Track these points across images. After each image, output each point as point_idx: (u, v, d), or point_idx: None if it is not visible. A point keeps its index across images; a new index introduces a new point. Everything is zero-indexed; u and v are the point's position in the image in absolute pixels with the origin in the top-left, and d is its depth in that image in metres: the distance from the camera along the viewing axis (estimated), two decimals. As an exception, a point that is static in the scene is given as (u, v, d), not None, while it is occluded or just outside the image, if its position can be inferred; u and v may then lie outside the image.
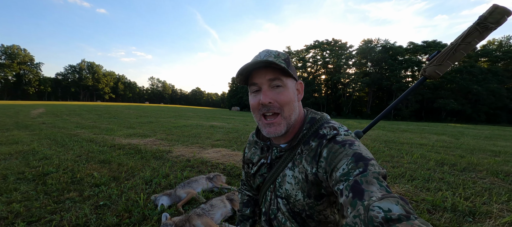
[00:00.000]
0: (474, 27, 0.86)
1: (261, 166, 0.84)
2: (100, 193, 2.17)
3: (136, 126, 8.03)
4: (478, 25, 0.86)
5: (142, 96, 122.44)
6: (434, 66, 0.95)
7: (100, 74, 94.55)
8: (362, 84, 41.51)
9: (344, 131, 0.68)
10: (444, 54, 0.93)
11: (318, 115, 0.76)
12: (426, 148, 5.20)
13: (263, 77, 0.68)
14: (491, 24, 0.83)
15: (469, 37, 0.87)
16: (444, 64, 0.93)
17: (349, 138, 0.64)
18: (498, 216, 1.89)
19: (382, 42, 43.48)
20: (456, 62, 0.90)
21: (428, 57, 1.00)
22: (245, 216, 1.01)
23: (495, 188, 2.55)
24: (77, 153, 3.68)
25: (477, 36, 0.86)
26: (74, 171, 2.77)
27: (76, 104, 32.82)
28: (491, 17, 0.83)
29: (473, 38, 0.87)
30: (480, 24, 0.85)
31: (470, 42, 0.87)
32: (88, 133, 5.94)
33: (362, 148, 0.59)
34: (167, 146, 4.50)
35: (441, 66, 0.93)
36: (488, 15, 0.83)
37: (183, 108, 39.19)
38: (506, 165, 3.70)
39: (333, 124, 0.71)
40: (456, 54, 0.90)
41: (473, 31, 0.86)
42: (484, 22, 0.84)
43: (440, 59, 0.94)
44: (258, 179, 0.86)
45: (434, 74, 0.95)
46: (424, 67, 1.00)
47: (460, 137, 7.95)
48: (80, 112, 14.72)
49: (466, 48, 0.88)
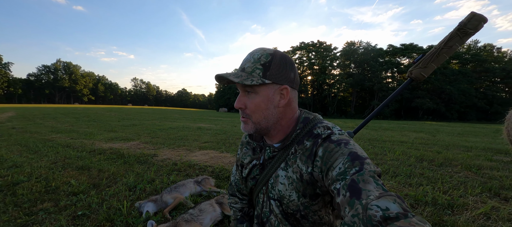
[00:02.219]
0: (455, 33, 0.92)
1: (253, 168, 0.82)
2: (78, 202, 2.02)
3: (118, 129, 7.65)
4: (458, 31, 0.91)
5: (124, 97, 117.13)
6: (420, 68, 1.00)
7: (78, 75, 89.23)
8: (346, 84, 43.04)
9: (338, 130, 0.69)
10: (429, 57, 0.98)
11: (311, 115, 0.76)
12: (406, 145, 5.47)
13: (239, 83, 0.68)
14: (469, 30, 0.89)
15: (450, 42, 0.93)
16: (428, 67, 0.98)
17: (344, 137, 0.64)
18: (474, 207, 2.02)
19: (364, 45, 45.49)
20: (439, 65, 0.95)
21: (414, 60, 1.04)
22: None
23: (469, 181, 2.73)
24: (52, 160, 3.42)
25: (457, 41, 0.92)
26: (48, 179, 2.56)
27: (51, 106, 30.62)
28: (470, 24, 0.88)
29: (454, 43, 0.92)
30: (460, 29, 0.91)
31: (452, 46, 0.93)
32: (64, 138, 5.56)
33: (357, 147, 0.60)
34: (152, 150, 4.33)
35: (426, 69, 0.98)
36: (467, 22, 0.89)
37: (169, 110, 38.09)
38: (477, 159, 3.99)
39: (326, 124, 0.72)
40: (439, 57, 0.95)
41: (454, 36, 0.92)
42: (463, 28, 0.90)
43: (425, 61, 0.99)
44: (250, 182, 0.84)
45: (420, 76, 1.00)
46: (410, 69, 1.04)
47: (436, 134, 8.48)
48: (56, 115, 13.76)
49: (448, 51, 0.94)
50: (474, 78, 36.72)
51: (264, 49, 0.70)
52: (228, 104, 60.77)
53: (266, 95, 0.68)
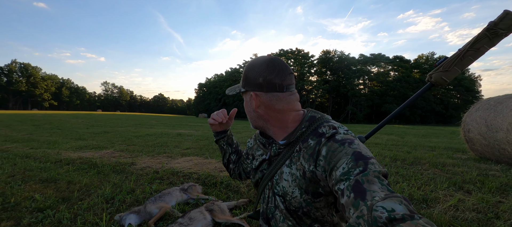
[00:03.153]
0: (484, 33, 0.83)
1: (262, 162, 0.86)
2: (45, 218, 1.78)
3: (88, 137, 6.99)
4: (487, 31, 0.83)
5: (93, 103, 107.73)
6: (441, 72, 0.92)
7: (38, 78, 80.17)
8: (323, 90, 45.22)
9: (343, 130, 0.69)
10: (451, 61, 0.90)
11: (318, 114, 0.76)
12: (380, 146, 5.87)
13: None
14: (501, 30, 0.80)
15: (478, 43, 0.84)
16: (451, 70, 0.90)
17: (349, 137, 0.64)
18: (444, 200, 2.23)
19: (339, 53, 48.45)
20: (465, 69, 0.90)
21: (435, 63, 0.96)
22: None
23: (438, 177, 3.01)
24: (9, 173, 2.99)
25: (486, 42, 0.83)
26: (6, 194, 2.22)
27: (3, 113, 26.82)
28: (502, 23, 0.80)
29: (482, 44, 0.84)
30: (490, 30, 0.82)
31: (479, 48, 0.84)
32: (22, 148, 4.90)
33: (361, 146, 0.59)
34: (129, 158, 4.03)
35: (448, 72, 0.90)
36: (499, 21, 0.80)
37: (144, 116, 35.96)
38: (441, 157, 4.43)
39: (333, 123, 0.72)
40: (464, 61, 0.87)
41: (483, 37, 0.84)
42: (494, 28, 0.81)
43: (446, 65, 0.91)
44: (258, 174, 0.87)
45: (441, 80, 0.92)
46: (430, 73, 0.96)
47: (405, 136, 9.26)
48: (10, 122, 12.12)
49: (475, 54, 0.85)
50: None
51: (254, 60, 0.79)
52: (208, 110, 59.51)
53: (246, 101, 0.82)
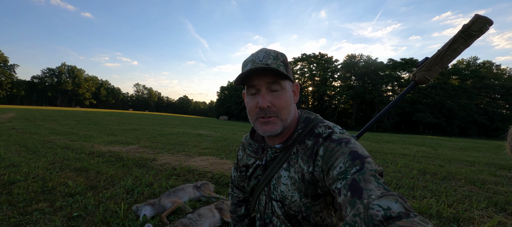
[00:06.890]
0: (459, 35, 0.92)
1: (256, 168, 0.81)
2: (74, 203, 1.98)
3: (118, 133, 7.62)
4: (462, 33, 0.91)
5: (126, 102, 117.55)
6: (424, 71, 0.99)
7: (82, 79, 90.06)
8: (346, 96, 43.21)
9: (339, 130, 0.68)
10: (432, 60, 0.97)
11: (312, 115, 0.75)
12: (408, 158, 5.40)
13: (262, 79, 0.66)
14: (474, 32, 0.88)
15: (454, 44, 0.92)
16: (432, 70, 0.97)
17: (345, 136, 0.64)
18: (480, 222, 1.96)
19: (365, 58, 46.04)
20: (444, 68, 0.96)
21: (417, 63, 1.04)
22: (241, 216, 0.99)
23: (474, 196, 2.67)
24: (50, 161, 3.38)
25: (462, 43, 0.91)
26: (45, 179, 2.52)
27: (52, 109, 30.66)
28: (474, 26, 0.88)
29: (458, 45, 0.92)
30: (464, 32, 0.90)
31: (456, 49, 0.92)
32: (64, 140, 5.52)
33: (358, 146, 0.59)
34: (152, 154, 4.28)
35: (430, 72, 0.97)
36: (472, 24, 0.89)
37: (169, 116, 38.08)
38: (481, 174, 3.92)
39: (328, 123, 0.71)
40: (443, 60, 0.95)
41: (458, 38, 0.92)
42: (467, 30, 0.89)
43: (428, 65, 0.98)
44: (252, 181, 0.83)
45: (424, 78, 0.99)
46: (414, 72, 1.03)
47: (438, 148, 8.40)
48: (56, 117, 13.77)
49: (452, 54, 0.93)
50: (474, 94, 36.78)
51: (273, 49, 0.71)
52: (229, 112, 60.70)
53: (289, 90, 0.70)
